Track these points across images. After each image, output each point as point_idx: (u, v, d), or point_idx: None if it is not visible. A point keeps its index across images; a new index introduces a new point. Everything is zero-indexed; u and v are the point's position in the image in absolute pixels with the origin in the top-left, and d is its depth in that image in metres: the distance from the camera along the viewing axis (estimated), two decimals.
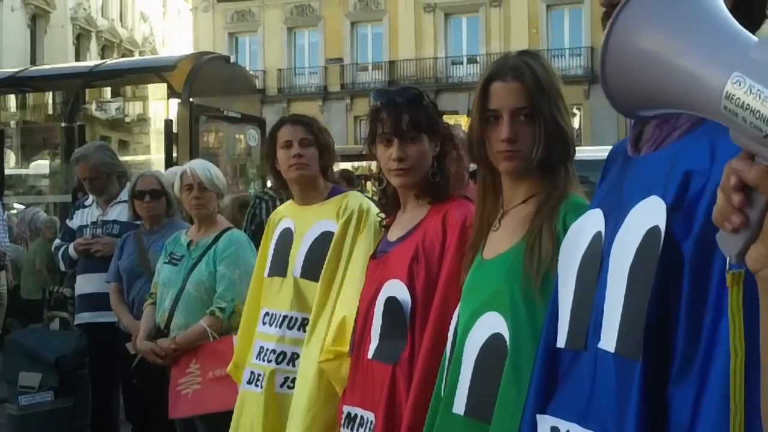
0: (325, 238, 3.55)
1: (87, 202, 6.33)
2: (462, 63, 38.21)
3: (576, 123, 34.83)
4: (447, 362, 2.40)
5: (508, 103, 2.26)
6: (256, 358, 3.76)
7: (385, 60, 39.00)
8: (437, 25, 38.37)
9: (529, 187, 2.33)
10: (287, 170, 3.79)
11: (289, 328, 3.64)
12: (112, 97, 15.44)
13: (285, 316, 3.65)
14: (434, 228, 2.82)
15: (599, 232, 1.60)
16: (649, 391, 1.37)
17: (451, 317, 2.46)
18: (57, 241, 6.46)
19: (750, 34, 1.07)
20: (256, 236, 5.30)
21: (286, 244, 3.75)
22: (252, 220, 6.05)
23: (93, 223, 6.13)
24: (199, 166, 5.03)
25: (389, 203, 3.08)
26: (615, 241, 1.53)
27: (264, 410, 3.66)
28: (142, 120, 17.29)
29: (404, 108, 2.88)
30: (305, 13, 40.35)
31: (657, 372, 1.38)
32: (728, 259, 1.12)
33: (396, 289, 2.84)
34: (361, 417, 2.92)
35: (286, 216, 3.86)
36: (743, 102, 0.99)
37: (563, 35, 35.25)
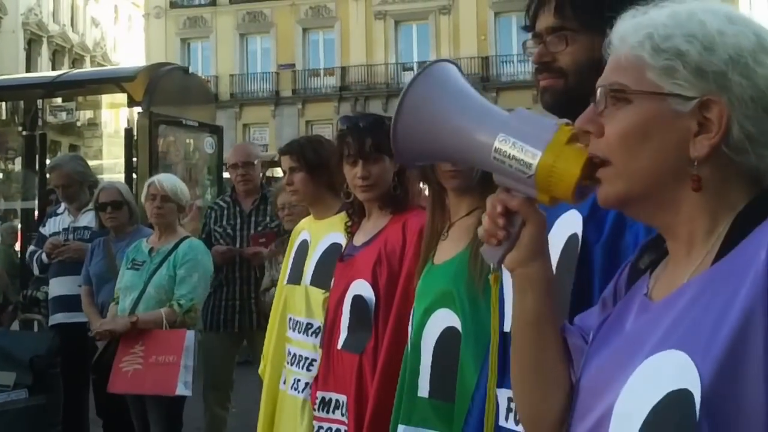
0: (333, 249, 3.69)
1: (59, 210, 6.63)
2: (412, 69, 38.15)
3: None
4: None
5: None
6: (289, 363, 3.91)
7: (336, 66, 39.10)
8: (388, 31, 38.50)
9: (471, 202, 2.71)
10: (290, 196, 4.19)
11: (299, 332, 3.85)
12: (64, 102, 15.43)
13: (299, 322, 3.86)
14: (395, 235, 3.20)
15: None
16: None
17: (410, 313, 2.84)
18: (31, 248, 6.72)
19: (501, 109, 1.49)
20: (207, 243, 5.77)
21: (302, 255, 3.95)
22: (203, 228, 6.40)
23: (65, 229, 6.42)
24: (166, 178, 5.44)
25: (355, 213, 3.45)
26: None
27: (283, 408, 3.86)
28: (93, 125, 17.26)
29: (367, 132, 3.25)
30: (257, 19, 40.23)
31: None
32: (492, 265, 1.51)
33: (362, 288, 3.21)
34: (336, 400, 3.28)
35: (304, 228, 4.09)
36: (509, 154, 1.40)
37: (511, 42, 35.43)
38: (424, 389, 2.65)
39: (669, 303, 1.28)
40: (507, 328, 2.07)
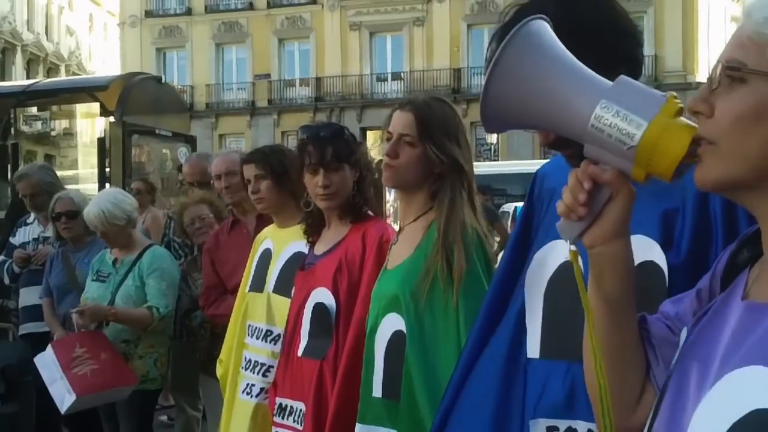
0: (297, 258, 3.70)
1: (29, 220, 6.63)
2: (387, 80, 38.60)
3: (493, 138, 35.28)
4: None
5: None
6: (243, 368, 3.97)
7: (312, 76, 39.23)
8: (362, 42, 38.69)
9: (419, 207, 2.80)
10: (254, 204, 4.20)
11: (258, 338, 3.90)
12: (39, 111, 15.42)
13: (260, 329, 3.90)
14: (355, 243, 3.26)
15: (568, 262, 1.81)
16: None
17: None
18: (1, 257, 6.75)
19: (602, 78, 1.37)
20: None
21: (265, 263, 3.97)
22: (163, 238, 6.42)
23: (35, 239, 6.44)
24: (94, 210, 5.26)
25: (315, 222, 3.48)
26: None
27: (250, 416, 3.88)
28: (69, 134, 17.19)
29: (328, 141, 3.31)
30: (233, 29, 40.29)
31: None
32: (568, 242, 1.39)
33: (323, 295, 3.27)
34: (291, 407, 3.34)
35: (267, 237, 4.10)
36: (611, 122, 1.29)
37: (483, 54, 35.52)
38: (377, 390, 2.74)
39: None
40: (534, 354, 1.94)
